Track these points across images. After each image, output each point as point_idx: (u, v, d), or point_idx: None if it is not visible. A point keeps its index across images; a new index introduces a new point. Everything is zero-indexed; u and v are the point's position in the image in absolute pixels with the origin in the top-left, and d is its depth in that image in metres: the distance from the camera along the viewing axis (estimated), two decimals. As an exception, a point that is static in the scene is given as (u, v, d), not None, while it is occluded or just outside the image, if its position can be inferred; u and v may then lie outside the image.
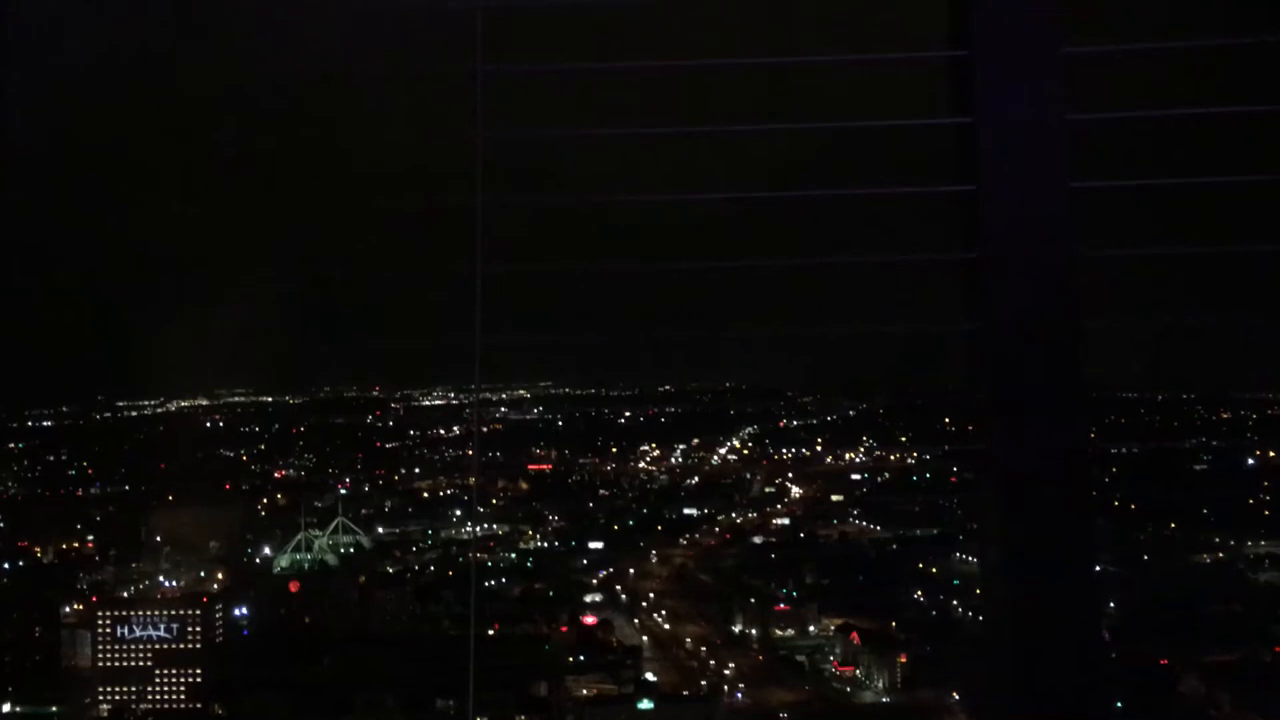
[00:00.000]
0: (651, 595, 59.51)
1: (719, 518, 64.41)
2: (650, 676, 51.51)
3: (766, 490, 65.89)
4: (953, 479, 61.14)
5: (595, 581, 59.38)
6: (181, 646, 53.03)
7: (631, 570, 60.90)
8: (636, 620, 57.05)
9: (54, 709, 51.32)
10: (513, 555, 60.77)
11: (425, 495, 64.36)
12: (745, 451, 68.84)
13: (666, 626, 56.95)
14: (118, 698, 52.56)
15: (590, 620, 55.28)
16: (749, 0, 3.02)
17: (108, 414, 68.74)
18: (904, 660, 49.97)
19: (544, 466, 66.21)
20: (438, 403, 69.81)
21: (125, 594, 57.01)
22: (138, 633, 52.91)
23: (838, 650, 52.55)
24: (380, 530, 63.06)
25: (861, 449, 66.42)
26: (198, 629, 53.56)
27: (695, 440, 68.68)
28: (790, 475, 66.39)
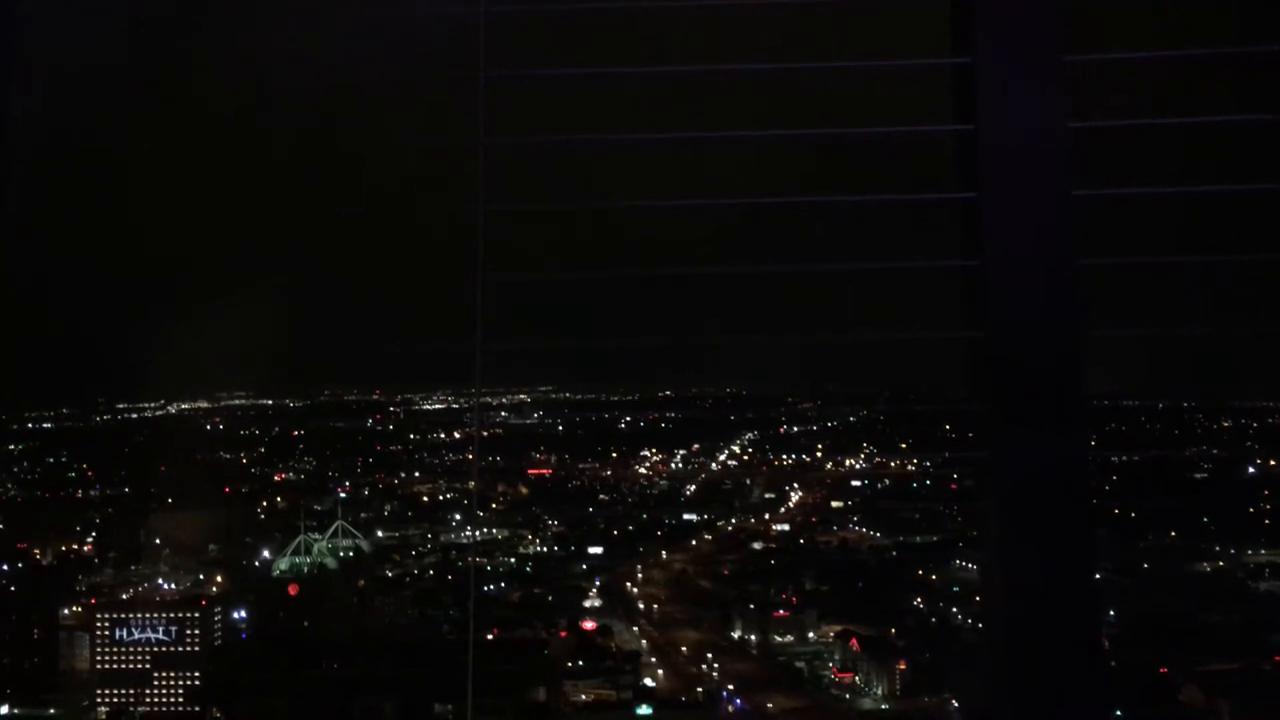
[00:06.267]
0: (651, 601, 59.48)
1: (719, 523, 64.39)
2: (649, 682, 51.49)
3: (766, 496, 65.88)
4: (952, 486, 61.13)
5: (594, 587, 59.34)
6: (180, 649, 53.01)
7: (631, 576, 60.88)
8: (635, 626, 57.01)
9: (52, 711, 51.27)
10: (512, 560, 60.76)
11: (425, 499, 64.37)
12: (745, 457, 68.85)
13: (666, 632, 56.90)
14: (116, 700, 52.53)
15: (589, 625, 55.25)
16: (754, 8, 3.02)
17: (108, 416, 68.81)
18: (903, 667, 49.95)
19: (544, 471, 66.22)
20: (438, 407, 69.85)
21: (124, 596, 57.02)
22: (136, 635, 52.88)
23: (837, 657, 52.53)
24: (380, 534, 63.05)
25: (862, 455, 66.42)
26: (196, 632, 53.55)
27: (695, 446, 68.71)
28: (790, 481, 66.37)
